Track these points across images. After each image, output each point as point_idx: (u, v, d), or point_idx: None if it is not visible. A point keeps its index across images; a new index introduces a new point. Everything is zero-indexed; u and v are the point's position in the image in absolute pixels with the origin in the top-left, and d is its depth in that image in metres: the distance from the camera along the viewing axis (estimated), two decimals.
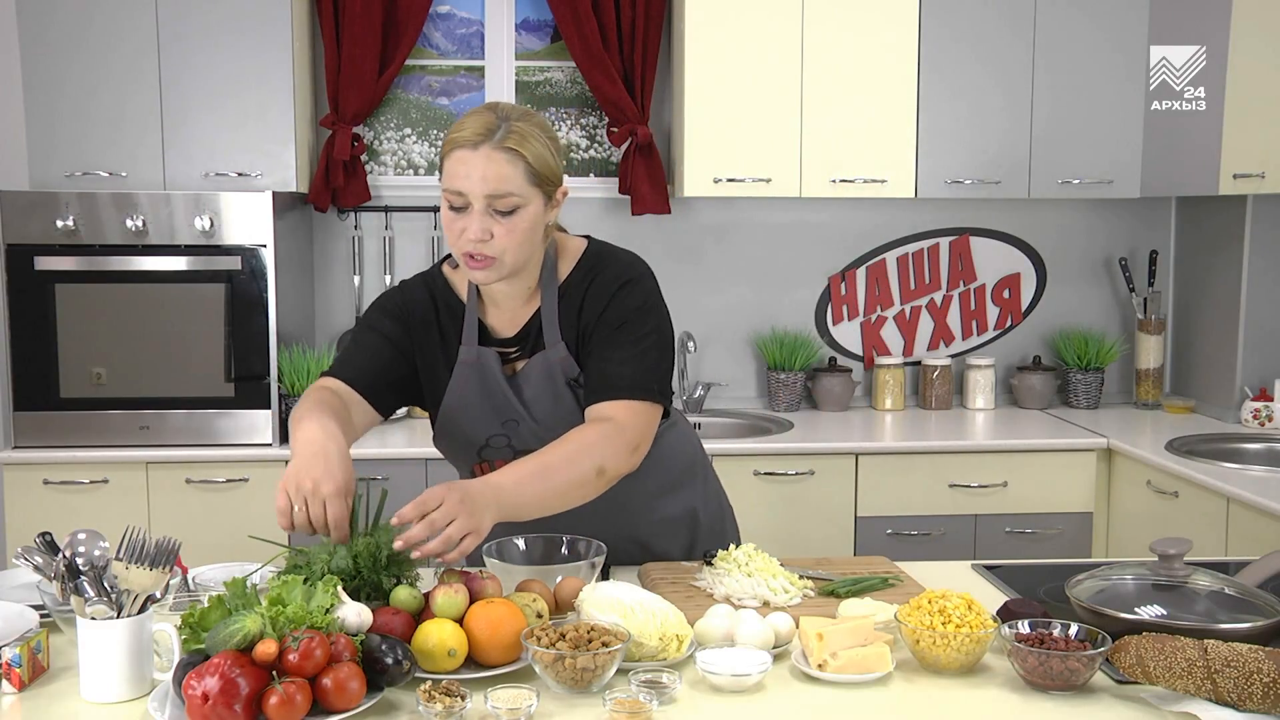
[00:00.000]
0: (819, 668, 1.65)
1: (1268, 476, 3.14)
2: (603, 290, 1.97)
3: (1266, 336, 3.89)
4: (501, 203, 1.85)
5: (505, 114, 1.88)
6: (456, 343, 2.03)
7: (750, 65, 3.74)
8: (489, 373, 2.01)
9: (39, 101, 3.55)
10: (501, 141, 1.84)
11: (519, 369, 2.02)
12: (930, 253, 4.25)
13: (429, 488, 1.73)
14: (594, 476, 1.87)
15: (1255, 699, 1.51)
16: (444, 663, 1.62)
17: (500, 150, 1.84)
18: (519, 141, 1.85)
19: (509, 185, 1.84)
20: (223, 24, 3.57)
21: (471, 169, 1.84)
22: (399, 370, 2.04)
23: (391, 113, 4.09)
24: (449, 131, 1.90)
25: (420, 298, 2.06)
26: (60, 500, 3.47)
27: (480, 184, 1.84)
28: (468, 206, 1.86)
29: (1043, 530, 3.65)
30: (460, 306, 2.05)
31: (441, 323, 2.05)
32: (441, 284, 2.07)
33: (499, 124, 1.86)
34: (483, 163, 1.83)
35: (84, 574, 1.62)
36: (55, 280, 3.48)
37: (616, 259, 2.02)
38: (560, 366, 1.98)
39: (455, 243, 1.89)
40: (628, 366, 1.93)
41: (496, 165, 1.84)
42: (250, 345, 3.53)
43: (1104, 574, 1.88)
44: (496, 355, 2.01)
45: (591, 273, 1.99)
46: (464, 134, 1.85)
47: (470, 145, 1.84)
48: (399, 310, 2.06)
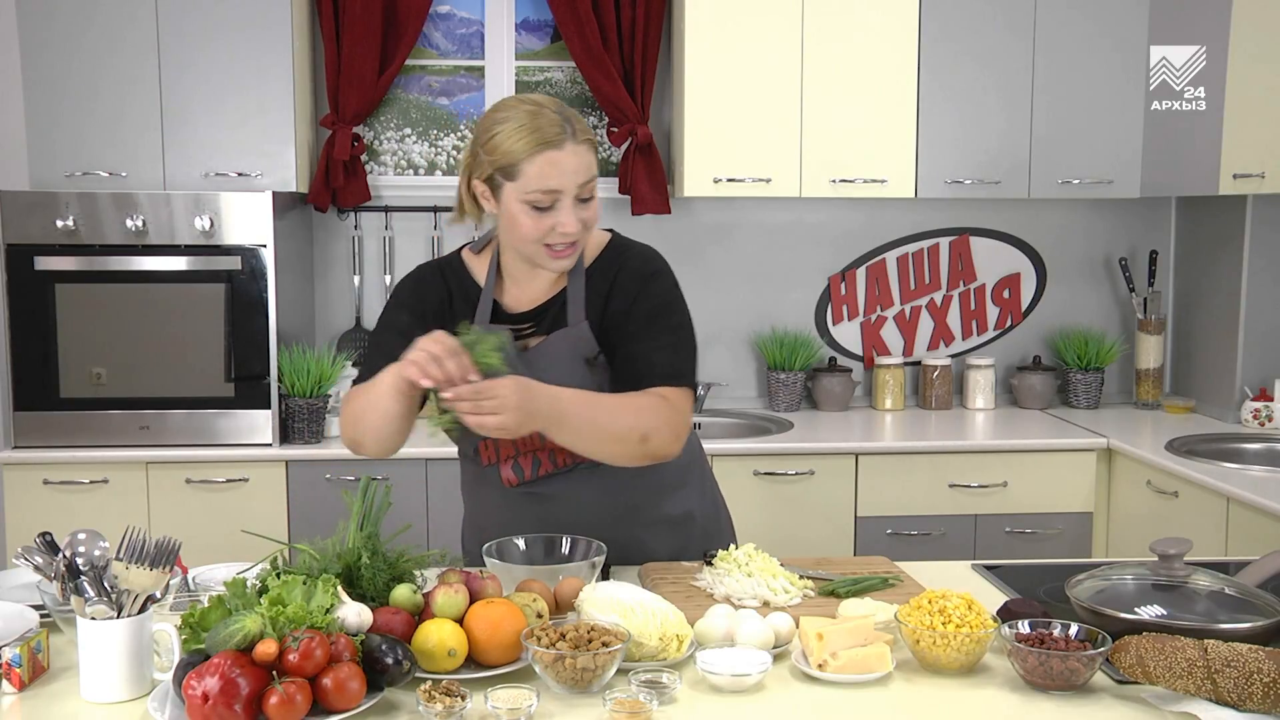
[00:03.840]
0: (819, 668, 1.65)
1: (1268, 476, 3.14)
2: (632, 278, 2.03)
3: (1266, 336, 3.89)
4: (586, 190, 1.93)
5: (554, 106, 1.94)
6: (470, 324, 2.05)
7: (750, 65, 3.74)
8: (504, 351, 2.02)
9: (39, 101, 3.55)
10: (578, 135, 1.92)
11: (532, 345, 2.04)
12: (930, 253, 4.25)
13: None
14: (637, 440, 1.91)
15: (1255, 699, 1.51)
16: (444, 663, 1.62)
17: (581, 143, 1.92)
18: (587, 129, 1.95)
19: (592, 172, 1.94)
20: (223, 24, 3.57)
21: (564, 166, 1.89)
22: None
23: (391, 113, 4.09)
24: (509, 139, 1.89)
25: (434, 283, 2.09)
26: (60, 500, 3.47)
27: (574, 178, 1.90)
28: (556, 203, 1.91)
29: (1043, 530, 3.65)
30: (477, 290, 2.08)
31: (455, 307, 2.07)
32: (458, 269, 2.11)
33: (563, 119, 1.91)
34: (572, 158, 1.90)
35: (84, 574, 1.62)
36: (55, 280, 3.48)
37: (641, 250, 2.09)
38: (580, 344, 2.01)
39: (541, 239, 1.93)
40: (668, 354, 2.00)
41: (581, 157, 1.92)
42: (250, 345, 3.53)
43: (1104, 574, 1.88)
44: (509, 334, 2.03)
45: (618, 260, 2.06)
46: (541, 136, 1.88)
47: (556, 145, 1.89)
48: (412, 299, 2.09)
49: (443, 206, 4.06)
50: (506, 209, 1.94)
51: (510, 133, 1.90)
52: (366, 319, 4.09)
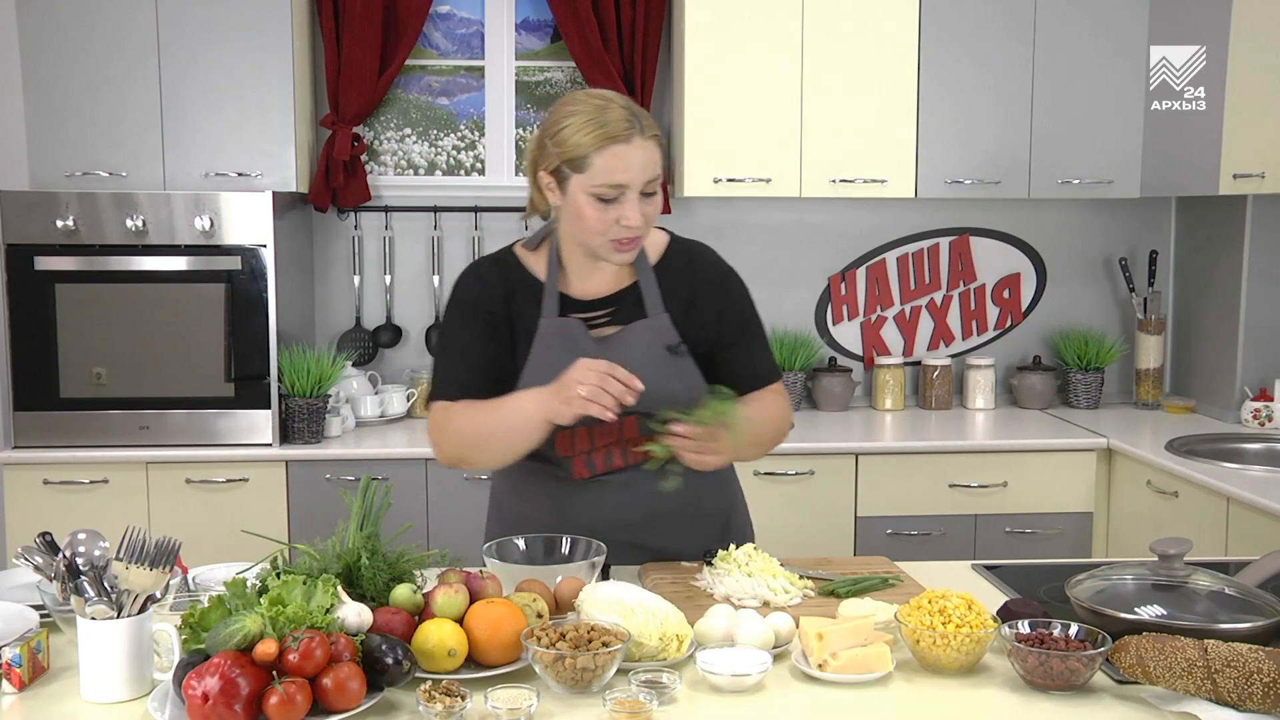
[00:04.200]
0: (819, 668, 1.65)
1: (1268, 476, 3.14)
2: (713, 277, 2.13)
3: (1266, 336, 3.89)
4: (651, 185, 1.96)
5: (623, 102, 1.97)
6: (532, 317, 2.08)
7: (750, 65, 3.74)
8: (578, 339, 2.06)
9: (39, 101, 3.55)
10: (645, 130, 1.95)
11: (610, 334, 2.08)
12: (930, 253, 4.25)
13: None
14: (782, 438, 2.19)
15: (1255, 699, 1.51)
16: (444, 663, 1.62)
17: (648, 138, 1.96)
18: (654, 125, 1.98)
19: (658, 168, 1.98)
20: (223, 24, 3.57)
21: (631, 160, 1.93)
22: (497, 368, 2.09)
23: (391, 113, 4.09)
24: (577, 133, 1.93)
25: (495, 280, 2.11)
26: (60, 500, 3.47)
27: (640, 172, 1.94)
28: (620, 196, 1.94)
29: (1043, 530, 3.65)
30: (536, 284, 2.10)
31: (516, 302, 2.10)
32: (515, 264, 2.12)
33: (630, 113, 1.95)
34: (639, 153, 1.94)
35: (84, 574, 1.62)
36: (55, 280, 3.48)
37: (705, 249, 2.19)
38: (662, 333, 2.08)
39: (604, 232, 1.97)
40: (766, 354, 2.18)
41: (649, 152, 1.95)
42: (250, 345, 3.53)
43: (1104, 574, 1.88)
44: (581, 323, 2.07)
45: (688, 258, 2.14)
46: (609, 130, 1.92)
47: (624, 140, 1.93)
48: (478, 300, 2.10)
49: (443, 206, 4.06)
50: (572, 201, 1.97)
51: (579, 126, 1.94)
52: (366, 319, 4.09)
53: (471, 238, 4.10)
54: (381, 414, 3.88)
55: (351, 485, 3.39)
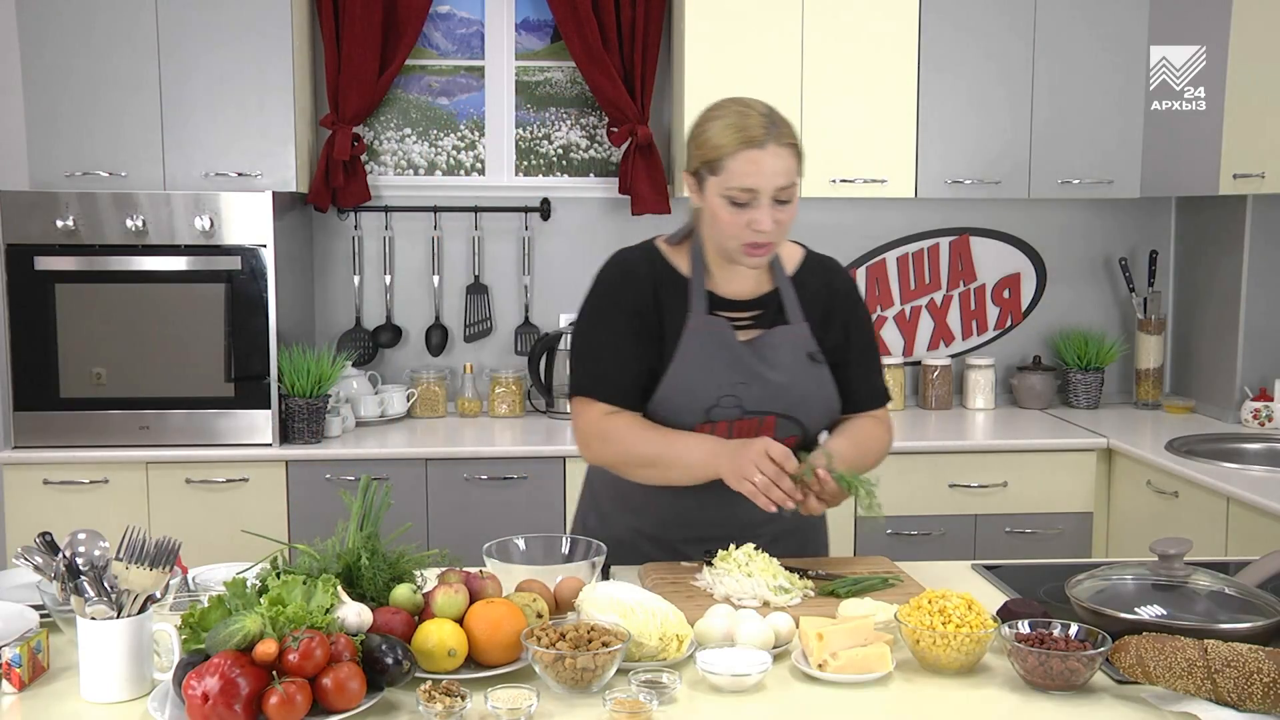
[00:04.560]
0: (819, 668, 1.65)
1: (1268, 476, 3.14)
2: (847, 294, 2.22)
3: (1266, 336, 3.89)
4: (784, 193, 2.00)
5: (762, 109, 2.01)
6: (678, 312, 2.12)
7: (750, 65, 3.74)
8: (726, 338, 2.11)
9: (39, 101, 3.55)
10: (780, 138, 1.99)
11: (754, 337, 2.13)
12: (930, 253, 4.25)
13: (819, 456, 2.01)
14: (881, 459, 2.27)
15: (1255, 699, 1.51)
16: (444, 663, 1.62)
17: (782, 146, 2.00)
18: (792, 134, 2.03)
19: (792, 176, 2.01)
20: (223, 24, 3.57)
21: (763, 166, 1.98)
22: (647, 363, 2.13)
23: (391, 113, 4.09)
24: (715, 136, 2.00)
25: (643, 274, 2.15)
26: (60, 500, 3.47)
27: (772, 179, 1.98)
28: (753, 201, 1.98)
29: (1043, 530, 3.65)
30: (681, 279, 2.14)
31: (661, 295, 2.13)
32: (659, 258, 2.16)
33: (768, 120, 2.00)
34: (772, 160, 1.98)
35: (84, 574, 1.62)
36: (55, 280, 3.48)
37: (838, 265, 2.28)
38: (803, 341, 2.14)
39: (736, 235, 2.01)
40: (880, 378, 2.28)
41: (783, 160, 1.99)
42: (250, 345, 3.53)
43: (1104, 574, 1.88)
44: (728, 322, 2.12)
45: (825, 272, 2.22)
46: (744, 135, 1.97)
47: (758, 145, 1.98)
48: (625, 295, 2.13)
49: (443, 206, 4.06)
50: (708, 202, 2.03)
51: (718, 130, 2.00)
52: (366, 319, 4.09)
53: (471, 238, 4.10)
54: (381, 414, 3.88)
55: (351, 485, 3.39)
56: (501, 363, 4.13)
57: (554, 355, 3.99)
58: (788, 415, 2.12)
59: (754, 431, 2.10)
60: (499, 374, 4.03)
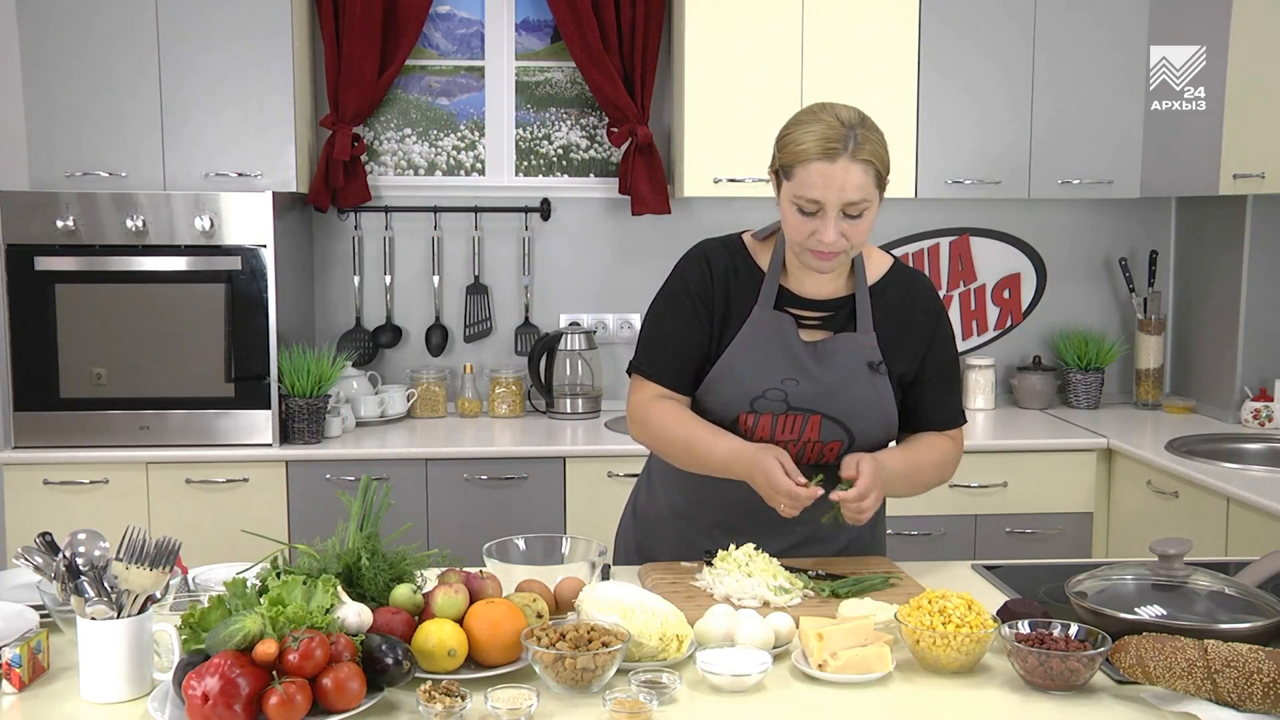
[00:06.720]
0: (819, 668, 1.66)
1: (1268, 476, 3.14)
2: (929, 310, 2.19)
3: (1266, 336, 3.89)
4: (854, 208, 1.97)
5: (848, 120, 1.97)
6: (746, 302, 2.13)
7: (750, 65, 3.74)
8: (786, 334, 2.11)
9: (39, 101, 3.55)
10: (855, 153, 1.95)
11: (817, 340, 2.12)
12: (930, 253, 4.25)
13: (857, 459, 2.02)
14: (945, 480, 2.24)
15: (1255, 699, 1.51)
16: (444, 663, 1.62)
17: (856, 162, 1.95)
18: (872, 151, 1.97)
19: (863, 193, 1.97)
20: (223, 24, 3.56)
21: (830, 180, 1.95)
22: (703, 351, 2.15)
23: (391, 113, 4.09)
24: (794, 142, 1.98)
25: (721, 264, 2.16)
26: (60, 500, 3.47)
27: (838, 194, 1.95)
28: (819, 212, 1.97)
29: (1043, 530, 3.65)
30: (757, 272, 2.15)
31: (731, 287, 2.14)
32: (741, 249, 2.18)
33: (848, 133, 1.95)
34: (841, 174, 1.94)
35: (84, 574, 1.62)
36: (55, 280, 3.48)
37: (926, 282, 2.24)
38: (865, 350, 2.12)
39: (802, 241, 2.01)
40: (958, 400, 2.25)
41: (853, 176, 1.95)
42: (250, 345, 3.53)
43: (1104, 574, 1.88)
44: (793, 321, 2.12)
45: (908, 287, 2.19)
46: (819, 145, 1.95)
47: (828, 158, 1.94)
48: (698, 284, 2.14)
49: (443, 207, 4.06)
50: (782, 204, 2.04)
51: (798, 136, 1.99)
52: (366, 319, 4.09)
53: (471, 238, 4.10)
54: (381, 414, 3.88)
55: (351, 485, 3.39)
56: (501, 363, 4.13)
57: (554, 355, 3.99)
58: (835, 419, 2.11)
59: (798, 428, 2.11)
60: (499, 374, 4.03)
